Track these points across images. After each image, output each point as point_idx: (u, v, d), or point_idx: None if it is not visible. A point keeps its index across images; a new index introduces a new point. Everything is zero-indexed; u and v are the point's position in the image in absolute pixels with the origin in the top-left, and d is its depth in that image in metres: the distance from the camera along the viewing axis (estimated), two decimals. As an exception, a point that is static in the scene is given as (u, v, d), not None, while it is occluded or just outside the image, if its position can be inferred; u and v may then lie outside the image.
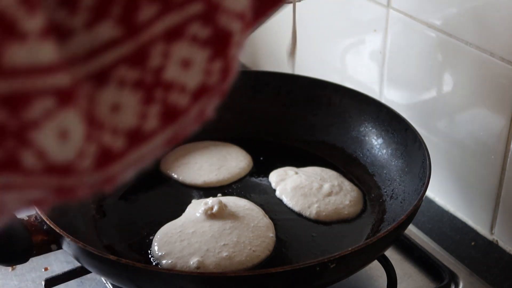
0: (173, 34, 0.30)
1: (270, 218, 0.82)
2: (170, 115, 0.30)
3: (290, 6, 1.03)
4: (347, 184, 0.89)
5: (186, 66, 0.30)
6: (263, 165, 0.94)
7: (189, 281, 0.65)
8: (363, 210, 0.85)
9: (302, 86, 0.99)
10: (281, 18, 1.24)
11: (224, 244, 0.76)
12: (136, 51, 0.29)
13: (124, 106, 0.29)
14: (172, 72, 0.30)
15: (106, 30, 0.28)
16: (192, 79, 0.31)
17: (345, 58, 1.09)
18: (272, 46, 1.26)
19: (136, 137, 0.30)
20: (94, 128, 0.29)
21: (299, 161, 0.94)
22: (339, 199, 0.85)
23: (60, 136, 0.27)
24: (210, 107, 0.33)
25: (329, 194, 0.86)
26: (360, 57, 1.06)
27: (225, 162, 0.93)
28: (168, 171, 0.92)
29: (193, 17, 0.30)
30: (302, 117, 0.99)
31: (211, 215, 0.80)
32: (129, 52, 0.29)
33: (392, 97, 1.01)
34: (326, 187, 0.87)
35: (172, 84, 0.30)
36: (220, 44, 0.31)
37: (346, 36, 1.08)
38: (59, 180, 0.29)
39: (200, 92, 0.31)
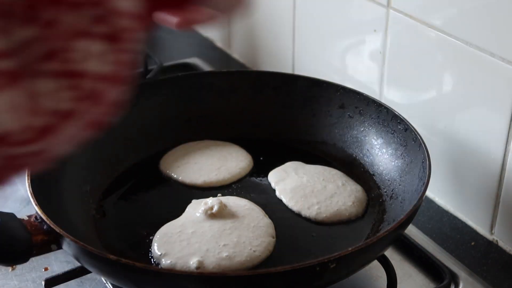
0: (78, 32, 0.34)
1: (270, 218, 0.82)
2: (81, 98, 0.35)
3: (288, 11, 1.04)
4: (351, 184, 0.89)
5: (88, 57, 0.35)
6: (263, 165, 0.94)
7: (189, 281, 0.65)
8: (364, 211, 0.85)
9: (302, 86, 0.99)
10: (281, 18, 1.25)
11: (224, 244, 0.76)
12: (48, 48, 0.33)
13: (47, 91, 0.34)
14: (78, 64, 0.34)
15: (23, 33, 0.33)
16: (94, 67, 0.35)
17: (345, 58, 1.09)
18: (272, 46, 1.26)
19: (61, 116, 0.35)
20: (32, 106, 0.33)
21: (299, 161, 0.94)
22: (341, 200, 0.85)
23: (7, 109, 0.32)
24: (115, 92, 0.37)
25: (332, 195, 0.86)
26: (360, 57, 1.06)
27: (225, 162, 0.93)
28: (168, 171, 0.92)
29: (91, 18, 0.34)
30: (302, 117, 0.99)
31: (211, 215, 0.80)
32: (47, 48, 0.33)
33: (392, 97, 1.01)
34: (330, 187, 0.87)
35: (82, 73, 0.35)
36: (115, 38, 0.35)
37: (346, 36, 1.08)
38: (5, 149, 0.33)
39: (105, 78, 0.36)
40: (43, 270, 0.83)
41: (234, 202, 0.84)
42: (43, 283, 0.76)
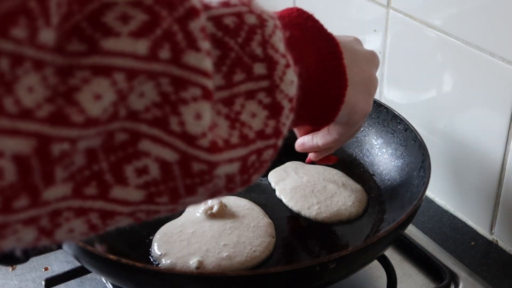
0: (249, 95, 0.47)
1: (270, 218, 0.82)
2: (243, 138, 0.46)
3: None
4: (351, 184, 0.89)
5: (253, 117, 0.47)
6: (263, 165, 0.94)
7: (189, 281, 0.65)
8: (364, 211, 0.85)
9: (302, 86, 0.99)
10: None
11: (224, 244, 0.76)
12: (228, 99, 0.46)
13: (220, 125, 0.45)
14: (245, 117, 0.46)
15: (216, 80, 0.45)
16: (256, 124, 0.47)
17: (345, 58, 1.09)
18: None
19: (227, 143, 0.45)
20: (217, 128, 0.44)
21: (299, 161, 0.94)
22: (341, 200, 0.85)
23: (196, 117, 0.42)
24: (267, 154, 0.48)
25: (332, 195, 0.86)
26: (360, 57, 1.06)
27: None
28: (168, 171, 0.92)
29: (261, 88, 0.47)
30: (302, 117, 0.99)
31: (211, 215, 0.80)
32: (225, 97, 0.45)
33: (392, 97, 1.01)
34: (330, 187, 0.87)
35: (244, 123, 0.46)
36: (275, 110, 0.48)
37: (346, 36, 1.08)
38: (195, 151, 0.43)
39: (260, 135, 0.47)
40: (43, 270, 0.83)
41: (234, 202, 0.84)
42: (43, 283, 0.76)
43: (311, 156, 0.80)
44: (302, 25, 0.58)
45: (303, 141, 0.76)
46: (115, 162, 0.41)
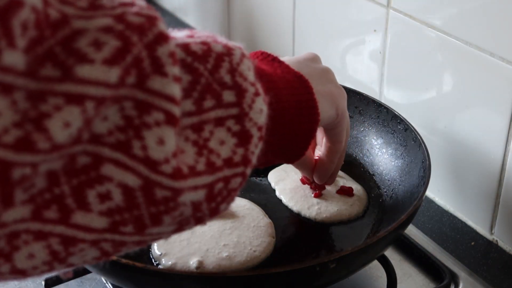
0: (218, 122, 0.47)
1: (270, 218, 0.82)
2: (210, 166, 0.46)
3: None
4: (352, 184, 0.88)
5: (222, 144, 0.47)
6: (263, 165, 0.94)
7: (189, 281, 0.65)
8: (364, 211, 0.85)
9: (302, 86, 0.99)
10: (281, 18, 1.25)
11: (224, 244, 0.76)
12: (197, 125, 0.46)
13: (187, 151, 0.45)
14: (213, 144, 0.46)
15: (187, 105, 0.46)
16: (224, 152, 0.47)
17: (345, 58, 1.09)
18: (272, 46, 1.26)
19: (192, 170, 0.45)
20: (182, 155, 0.44)
21: (299, 161, 0.94)
22: (342, 200, 0.85)
23: (159, 142, 0.41)
24: (235, 182, 0.49)
25: (333, 195, 0.86)
26: (360, 57, 1.06)
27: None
28: (168, 171, 0.92)
29: (230, 115, 0.47)
30: (302, 117, 0.99)
31: (211, 215, 0.80)
32: (194, 123, 0.45)
33: (392, 97, 1.01)
34: (330, 188, 0.87)
35: (212, 150, 0.46)
36: (244, 138, 0.48)
37: (346, 36, 1.08)
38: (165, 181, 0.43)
39: (228, 162, 0.47)
40: (43, 270, 0.83)
41: (234, 202, 0.84)
42: (43, 283, 0.76)
43: (328, 183, 0.82)
44: (269, 63, 0.60)
45: (322, 174, 0.78)
46: (77, 185, 0.40)
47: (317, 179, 0.80)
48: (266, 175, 0.92)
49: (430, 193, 0.99)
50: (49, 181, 0.39)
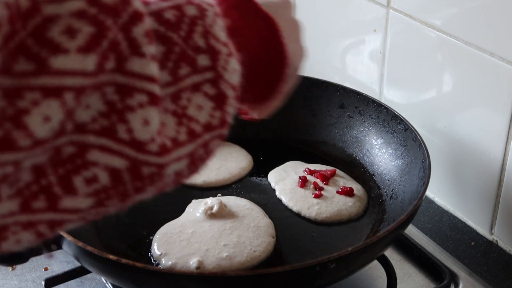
0: (195, 88, 0.47)
1: (270, 218, 0.82)
2: (191, 134, 0.46)
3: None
4: (352, 184, 0.88)
5: (200, 109, 0.47)
6: (263, 165, 0.94)
7: (189, 281, 0.65)
8: (364, 211, 0.85)
9: (302, 86, 0.99)
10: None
11: (224, 244, 0.76)
12: (174, 94, 0.46)
13: (168, 123, 0.45)
14: (191, 111, 0.46)
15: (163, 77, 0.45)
16: (202, 117, 0.47)
17: (345, 58, 1.09)
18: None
19: (175, 141, 0.45)
20: (164, 128, 0.44)
21: (299, 161, 0.94)
22: (342, 200, 0.85)
23: (144, 123, 0.42)
24: (213, 145, 0.49)
25: (333, 195, 0.86)
26: (360, 57, 1.06)
27: (225, 162, 0.93)
28: (168, 171, 0.92)
29: (206, 80, 0.47)
30: (302, 117, 0.99)
31: (211, 215, 0.80)
32: (172, 93, 0.45)
33: (392, 97, 1.01)
34: (330, 188, 0.87)
35: (192, 117, 0.47)
36: (221, 100, 0.48)
37: (346, 36, 1.08)
38: (142, 156, 0.43)
39: (207, 127, 0.47)
40: (43, 270, 0.83)
41: (234, 202, 0.84)
42: (43, 283, 0.76)
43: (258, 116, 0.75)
44: (239, 7, 0.57)
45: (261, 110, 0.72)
46: (63, 174, 0.40)
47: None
48: (266, 175, 0.92)
49: (430, 193, 0.99)
50: (36, 174, 0.39)
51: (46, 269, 0.83)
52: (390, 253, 0.84)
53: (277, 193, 0.88)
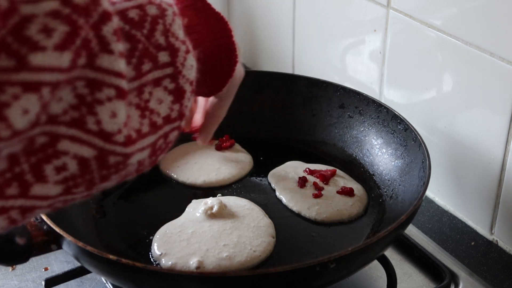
0: (156, 82, 0.51)
1: (270, 218, 0.82)
2: (153, 126, 0.50)
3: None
4: (352, 184, 0.88)
5: (160, 103, 0.51)
6: (263, 165, 0.94)
7: (189, 281, 0.65)
8: (364, 211, 0.85)
9: (302, 86, 0.99)
10: (281, 18, 1.25)
11: (224, 244, 0.76)
12: (138, 89, 0.49)
13: (132, 116, 0.49)
14: (153, 104, 0.51)
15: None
16: (163, 110, 0.52)
17: (345, 58, 1.09)
18: (272, 46, 1.26)
19: (139, 133, 0.49)
20: (129, 120, 0.48)
21: (299, 161, 0.94)
22: (342, 199, 0.85)
23: (112, 115, 0.45)
24: (172, 136, 0.53)
25: (333, 195, 0.86)
26: (360, 57, 1.06)
27: (225, 162, 0.93)
28: (168, 171, 0.92)
29: (166, 75, 0.52)
30: (302, 117, 0.99)
31: (211, 215, 0.80)
32: (135, 87, 0.49)
33: (392, 97, 1.01)
34: (330, 187, 0.87)
35: (153, 110, 0.51)
36: (179, 94, 0.53)
37: (346, 36, 1.08)
38: (109, 145, 0.46)
39: (167, 119, 0.52)
40: (43, 270, 0.83)
41: (234, 202, 0.84)
42: (43, 283, 0.76)
43: (204, 143, 0.87)
44: (194, 6, 0.63)
45: (203, 137, 0.84)
46: (35, 163, 0.43)
47: (199, 139, 0.85)
48: (266, 175, 0.92)
49: (430, 193, 0.99)
50: (10, 162, 0.42)
51: (46, 269, 0.83)
52: (390, 253, 0.84)
53: (277, 193, 0.88)
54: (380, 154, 0.91)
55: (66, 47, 0.40)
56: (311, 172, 0.89)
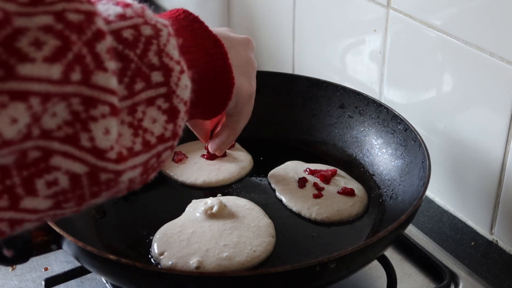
0: (149, 102, 0.51)
1: (270, 218, 0.82)
2: (146, 145, 0.51)
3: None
4: (352, 183, 0.89)
5: (154, 122, 0.51)
6: (263, 165, 0.94)
7: (189, 281, 0.65)
8: (364, 211, 0.85)
9: (302, 86, 0.99)
10: (281, 18, 1.25)
11: (224, 244, 0.76)
12: (130, 108, 0.50)
13: (124, 134, 0.49)
14: (146, 123, 0.51)
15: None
16: (156, 129, 0.52)
17: (345, 58, 1.09)
18: (272, 46, 1.26)
19: (131, 151, 0.49)
20: (121, 138, 0.48)
21: (299, 161, 0.94)
22: (342, 199, 0.85)
23: (105, 132, 0.45)
24: (165, 155, 0.53)
25: (333, 195, 0.86)
26: (360, 57, 1.06)
27: (225, 162, 0.93)
28: (168, 171, 0.92)
29: (160, 94, 0.52)
30: (302, 117, 0.99)
31: (211, 215, 0.80)
32: (128, 106, 0.50)
33: (392, 97, 1.01)
34: (331, 187, 0.87)
35: (146, 129, 0.51)
36: (173, 114, 0.53)
37: (346, 36, 1.08)
38: (100, 162, 0.46)
39: (161, 139, 0.52)
40: (43, 270, 0.83)
41: (234, 202, 0.84)
42: (43, 283, 0.76)
43: (216, 153, 0.88)
44: (190, 28, 0.64)
45: (214, 146, 0.84)
46: (27, 176, 0.43)
47: (210, 148, 0.85)
48: (266, 175, 0.92)
49: (430, 193, 0.99)
50: (1, 175, 0.42)
51: (46, 269, 0.83)
52: (390, 253, 0.84)
53: (277, 193, 0.88)
54: (380, 154, 0.91)
55: (56, 60, 0.41)
56: (312, 172, 0.89)
